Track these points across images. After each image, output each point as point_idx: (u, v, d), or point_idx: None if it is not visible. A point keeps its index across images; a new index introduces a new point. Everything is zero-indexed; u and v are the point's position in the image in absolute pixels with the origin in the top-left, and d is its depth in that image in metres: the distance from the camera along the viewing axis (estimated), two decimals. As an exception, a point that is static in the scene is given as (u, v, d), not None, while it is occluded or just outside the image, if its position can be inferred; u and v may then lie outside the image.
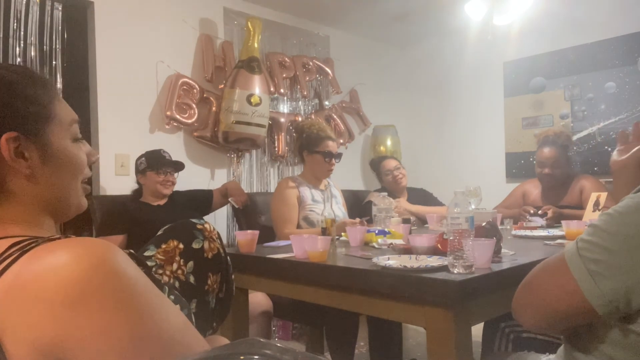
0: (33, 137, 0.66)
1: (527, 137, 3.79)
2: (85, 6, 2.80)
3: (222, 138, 3.11)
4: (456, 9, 3.38)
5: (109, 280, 0.55)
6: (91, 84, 2.82)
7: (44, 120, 0.67)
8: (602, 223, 0.80)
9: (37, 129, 0.66)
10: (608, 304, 0.76)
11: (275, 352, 0.46)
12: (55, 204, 0.71)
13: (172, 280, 0.94)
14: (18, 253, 0.57)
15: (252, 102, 3.08)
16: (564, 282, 0.80)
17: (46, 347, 0.53)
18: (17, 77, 0.67)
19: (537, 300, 0.86)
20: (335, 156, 2.54)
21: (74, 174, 0.72)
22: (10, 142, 0.63)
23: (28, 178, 0.66)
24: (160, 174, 2.44)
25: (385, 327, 2.33)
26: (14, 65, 0.71)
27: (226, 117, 3.05)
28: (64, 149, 0.70)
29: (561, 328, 0.90)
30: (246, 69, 3.09)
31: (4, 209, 0.66)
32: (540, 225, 2.40)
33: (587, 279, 0.78)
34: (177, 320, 0.62)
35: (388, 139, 4.08)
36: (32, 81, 0.68)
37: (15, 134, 0.64)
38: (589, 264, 0.78)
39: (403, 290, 1.25)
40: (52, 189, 0.69)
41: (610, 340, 0.81)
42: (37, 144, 0.67)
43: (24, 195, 0.67)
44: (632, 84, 3.30)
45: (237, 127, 3.06)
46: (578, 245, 0.81)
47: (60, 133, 0.69)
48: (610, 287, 0.76)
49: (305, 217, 2.46)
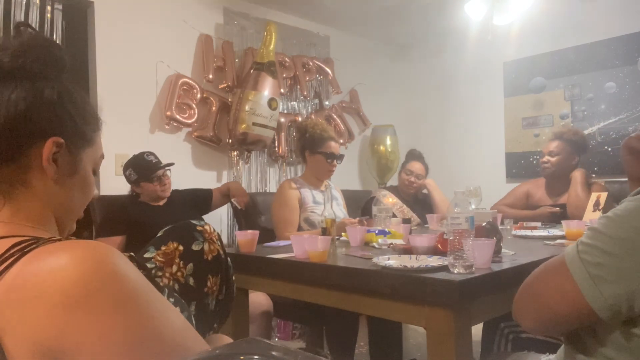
0: (73, 151, 0.71)
1: (527, 137, 3.79)
2: (85, 6, 2.80)
3: (238, 139, 3.12)
4: (456, 9, 3.37)
5: (109, 282, 0.56)
6: (91, 84, 2.82)
7: (87, 142, 0.74)
8: (602, 226, 0.80)
9: (79, 146, 0.72)
10: (610, 308, 0.76)
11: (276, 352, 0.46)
12: (62, 215, 0.73)
13: (172, 282, 0.94)
14: (19, 254, 0.57)
15: (272, 106, 3.15)
16: (565, 285, 0.80)
17: (46, 348, 0.53)
18: (84, 98, 0.74)
19: (537, 303, 0.86)
20: (337, 157, 2.54)
21: (85, 197, 0.77)
22: (54, 146, 0.67)
23: (52, 182, 0.69)
24: (154, 182, 2.42)
25: (385, 327, 2.34)
26: (81, 88, 0.76)
27: (248, 119, 3.07)
28: (87, 173, 0.75)
29: (562, 331, 0.90)
30: (267, 72, 3.14)
31: (18, 200, 0.67)
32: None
33: (589, 283, 0.77)
34: (177, 322, 0.63)
35: (387, 139, 4.09)
36: (91, 107, 0.75)
37: (63, 141, 0.68)
38: (590, 268, 0.78)
39: (403, 290, 1.25)
40: (66, 199, 0.72)
41: (612, 344, 0.81)
42: (72, 159, 0.71)
43: (42, 196, 0.69)
44: (632, 84, 3.30)
45: (256, 129, 3.10)
46: (579, 248, 0.81)
47: (90, 159, 0.76)
48: (611, 291, 0.75)
49: (307, 219, 2.46)
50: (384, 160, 4.05)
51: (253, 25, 3.44)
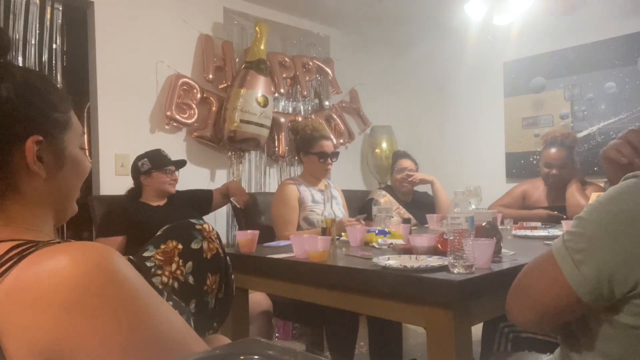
0: (53, 142, 0.69)
1: (527, 137, 3.79)
2: (85, 6, 2.80)
3: (228, 137, 3.11)
4: (456, 9, 3.37)
5: (108, 284, 0.56)
6: (91, 84, 2.82)
7: (63, 127, 0.71)
8: (585, 213, 0.82)
9: (57, 134, 0.70)
10: (592, 292, 0.78)
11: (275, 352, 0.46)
12: (60, 206, 0.73)
13: (171, 281, 0.94)
14: (18, 257, 0.57)
15: (260, 103, 3.13)
16: (551, 274, 0.82)
17: (45, 349, 0.53)
18: (44, 83, 0.70)
19: (526, 297, 0.88)
20: (330, 156, 2.52)
21: (80, 179, 0.76)
22: (34, 145, 0.66)
23: (43, 180, 0.68)
24: (167, 173, 2.46)
25: (385, 327, 2.33)
26: (38, 71, 0.74)
27: (234, 116, 3.06)
28: (75, 155, 0.74)
29: (553, 324, 0.91)
30: (255, 70, 3.14)
31: (11, 209, 0.67)
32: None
33: (571, 268, 0.79)
34: (177, 323, 0.63)
35: (387, 139, 4.09)
36: (55, 89, 0.72)
37: (41, 138, 0.66)
38: (573, 254, 0.80)
39: (403, 290, 1.25)
40: (60, 192, 0.72)
41: (601, 336, 0.82)
42: (55, 149, 0.69)
43: (34, 197, 0.68)
44: (632, 84, 3.30)
45: (244, 127, 3.08)
46: (564, 237, 0.83)
47: (73, 141, 0.73)
48: (591, 273, 0.77)
49: (306, 218, 2.46)
50: (384, 160, 4.05)
51: (253, 25, 3.43)
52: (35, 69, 2.20)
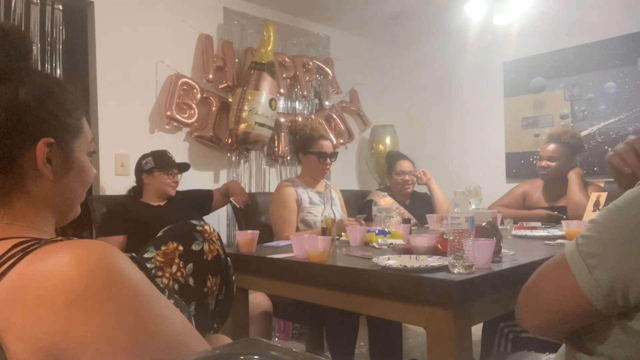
0: (63, 146, 0.70)
1: (527, 137, 3.79)
2: (85, 6, 2.80)
3: (241, 138, 3.11)
4: (456, 9, 3.37)
5: (111, 281, 0.56)
6: (91, 84, 2.82)
7: (75, 133, 0.73)
8: (601, 217, 0.80)
9: (68, 139, 0.71)
10: (606, 298, 0.76)
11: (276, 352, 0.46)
12: (63, 209, 0.74)
13: (172, 282, 0.94)
14: (20, 254, 0.57)
15: (273, 107, 3.17)
16: (564, 279, 0.80)
17: (47, 347, 0.53)
18: (61, 89, 0.72)
19: (537, 301, 0.85)
20: (329, 156, 2.52)
21: (85, 184, 0.77)
22: (45, 147, 0.67)
23: (50, 182, 0.69)
24: (170, 175, 2.46)
25: (385, 327, 2.34)
26: (56, 78, 0.76)
27: (250, 118, 3.07)
28: (83, 162, 0.75)
29: (564, 331, 0.88)
30: (267, 72, 3.15)
31: (17, 208, 0.67)
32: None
33: (585, 273, 0.77)
34: (178, 322, 0.63)
35: (387, 139, 4.08)
36: (71, 95, 0.73)
37: (52, 140, 0.67)
38: (587, 259, 0.78)
39: (403, 290, 1.25)
40: (65, 195, 0.73)
41: (611, 340, 0.80)
42: (64, 153, 0.71)
43: (40, 197, 0.69)
44: (632, 84, 3.30)
45: (257, 129, 3.11)
46: (578, 241, 0.81)
47: (82, 147, 0.75)
48: (606, 279, 0.75)
49: (303, 219, 2.46)
50: (384, 161, 4.04)
51: (253, 25, 3.44)
52: (53, 75, 2.23)
